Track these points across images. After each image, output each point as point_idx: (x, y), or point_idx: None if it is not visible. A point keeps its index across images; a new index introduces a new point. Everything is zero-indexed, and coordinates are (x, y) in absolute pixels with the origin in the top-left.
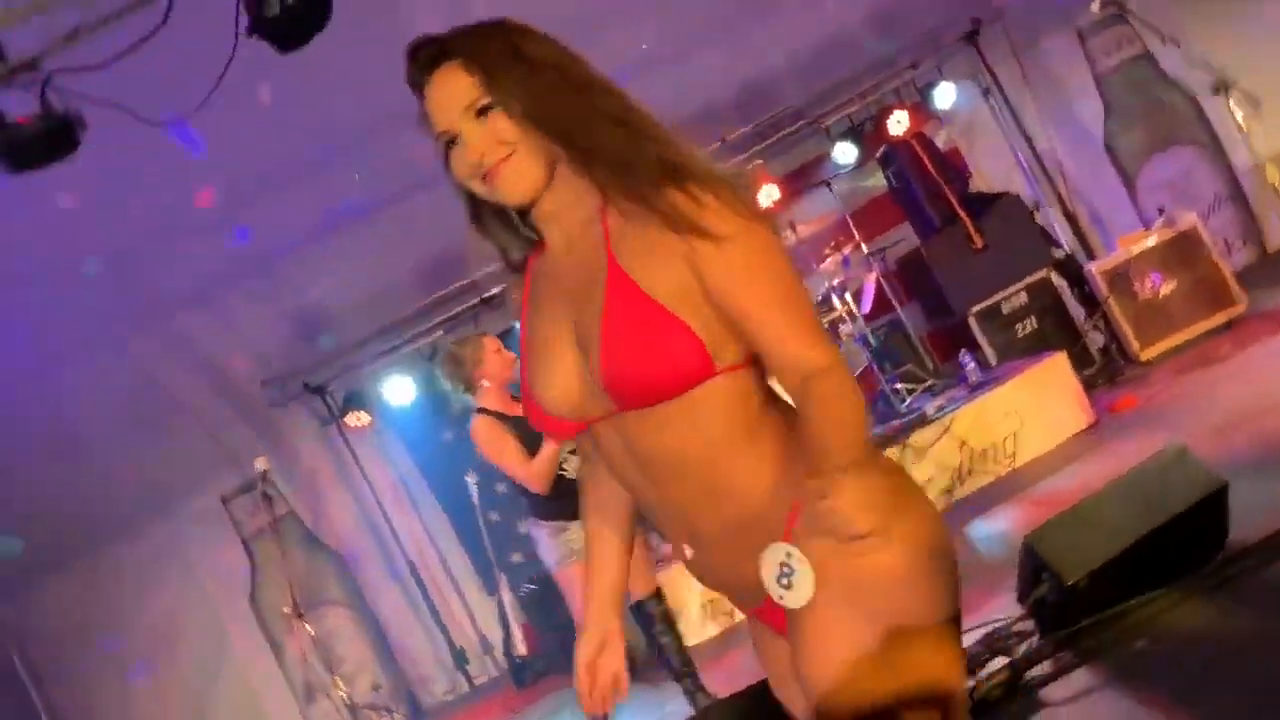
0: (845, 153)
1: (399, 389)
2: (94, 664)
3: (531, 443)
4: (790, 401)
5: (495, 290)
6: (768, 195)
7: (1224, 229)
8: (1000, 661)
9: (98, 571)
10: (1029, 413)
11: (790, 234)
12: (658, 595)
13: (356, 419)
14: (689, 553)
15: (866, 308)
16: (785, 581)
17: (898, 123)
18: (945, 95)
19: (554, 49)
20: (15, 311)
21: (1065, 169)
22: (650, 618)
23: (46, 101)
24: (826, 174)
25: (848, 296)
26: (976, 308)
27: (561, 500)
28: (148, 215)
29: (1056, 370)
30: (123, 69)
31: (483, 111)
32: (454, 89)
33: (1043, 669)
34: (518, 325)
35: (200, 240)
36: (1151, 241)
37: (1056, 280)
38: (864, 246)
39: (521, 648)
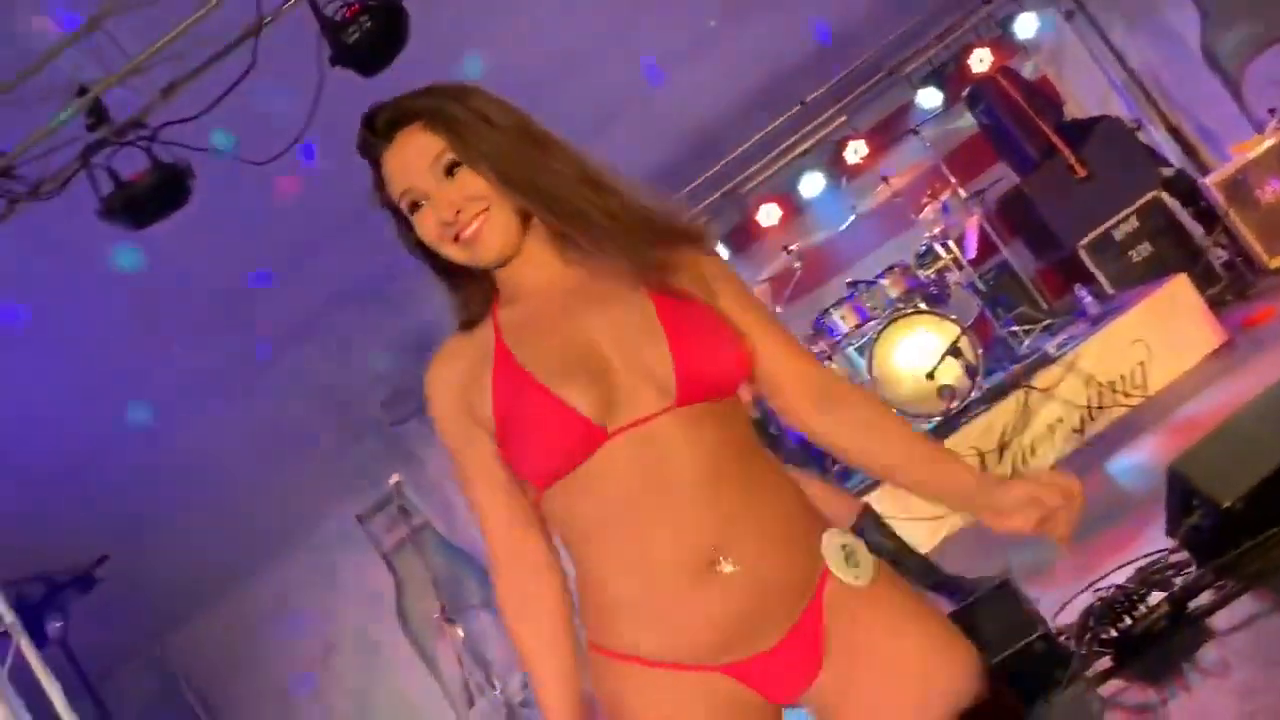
0: (930, 98)
1: None
2: (255, 686)
3: None
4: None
5: None
6: (855, 152)
7: None
8: (1158, 596)
9: (249, 600)
10: (1156, 339)
11: (884, 187)
12: (869, 512)
13: None
14: (727, 569)
15: (971, 253)
16: (853, 561)
17: (980, 60)
18: (1026, 25)
19: (509, 109)
20: (138, 368)
21: (1163, 83)
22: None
23: (155, 156)
24: (913, 122)
25: (951, 244)
26: (1086, 239)
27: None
28: (256, 253)
29: (1180, 292)
30: (222, 113)
31: (450, 170)
32: (419, 148)
33: (1205, 599)
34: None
35: (309, 272)
36: (1268, 144)
37: (1168, 200)
38: (961, 191)
39: None
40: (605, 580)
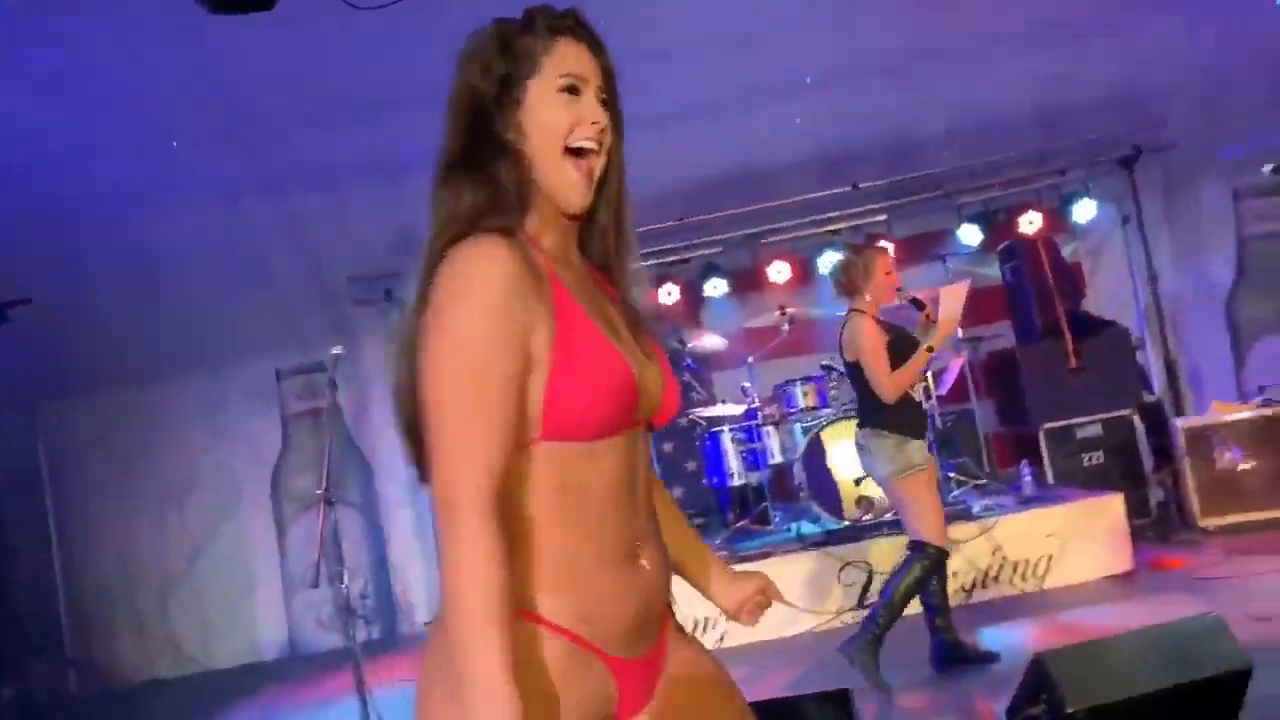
0: (970, 235)
1: None
2: (108, 485)
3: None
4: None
5: None
6: None
7: None
8: None
9: (141, 404)
10: (1072, 541)
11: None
12: (941, 553)
13: None
14: (644, 563)
15: (944, 389)
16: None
17: (1029, 222)
18: (1085, 210)
19: None
20: (145, 147)
21: (1181, 318)
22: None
23: None
24: (945, 250)
25: (929, 374)
26: (1050, 425)
27: (905, 415)
28: (305, 90)
29: (1111, 509)
30: None
31: (605, 103)
32: (604, 68)
33: None
34: None
35: (341, 128)
36: (1244, 415)
37: (1137, 423)
38: (959, 331)
39: None
40: (558, 540)
